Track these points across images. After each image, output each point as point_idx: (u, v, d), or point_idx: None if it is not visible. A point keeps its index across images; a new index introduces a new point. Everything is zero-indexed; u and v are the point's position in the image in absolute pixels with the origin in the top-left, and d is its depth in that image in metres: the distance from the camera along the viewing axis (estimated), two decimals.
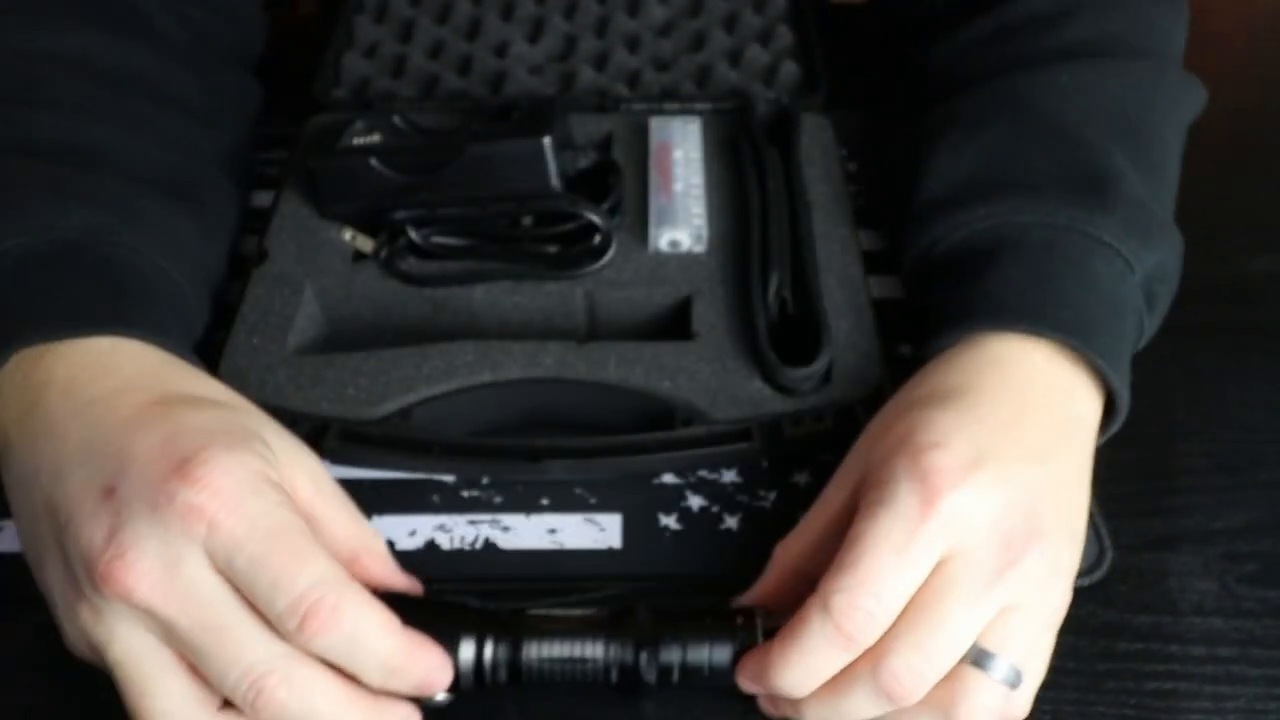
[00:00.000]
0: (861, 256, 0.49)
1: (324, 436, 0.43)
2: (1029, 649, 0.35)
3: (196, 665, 0.32)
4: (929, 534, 0.33)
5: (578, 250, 0.49)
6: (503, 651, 0.36)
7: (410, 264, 0.49)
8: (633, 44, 0.63)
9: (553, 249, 0.49)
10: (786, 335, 0.46)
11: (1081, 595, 0.41)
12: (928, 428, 0.35)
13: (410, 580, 0.38)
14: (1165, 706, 0.39)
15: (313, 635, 0.32)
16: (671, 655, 0.36)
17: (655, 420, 0.44)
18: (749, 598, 0.38)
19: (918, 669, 0.33)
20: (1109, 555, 0.43)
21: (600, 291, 0.48)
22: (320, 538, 0.35)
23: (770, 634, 0.35)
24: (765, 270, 0.47)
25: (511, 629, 0.36)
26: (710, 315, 0.47)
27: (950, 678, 0.34)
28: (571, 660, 0.36)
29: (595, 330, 0.49)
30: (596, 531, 0.43)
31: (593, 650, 0.36)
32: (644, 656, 0.36)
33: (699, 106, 0.58)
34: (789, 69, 0.60)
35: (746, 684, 0.35)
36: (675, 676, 0.36)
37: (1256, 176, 0.60)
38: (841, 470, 0.38)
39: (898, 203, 0.48)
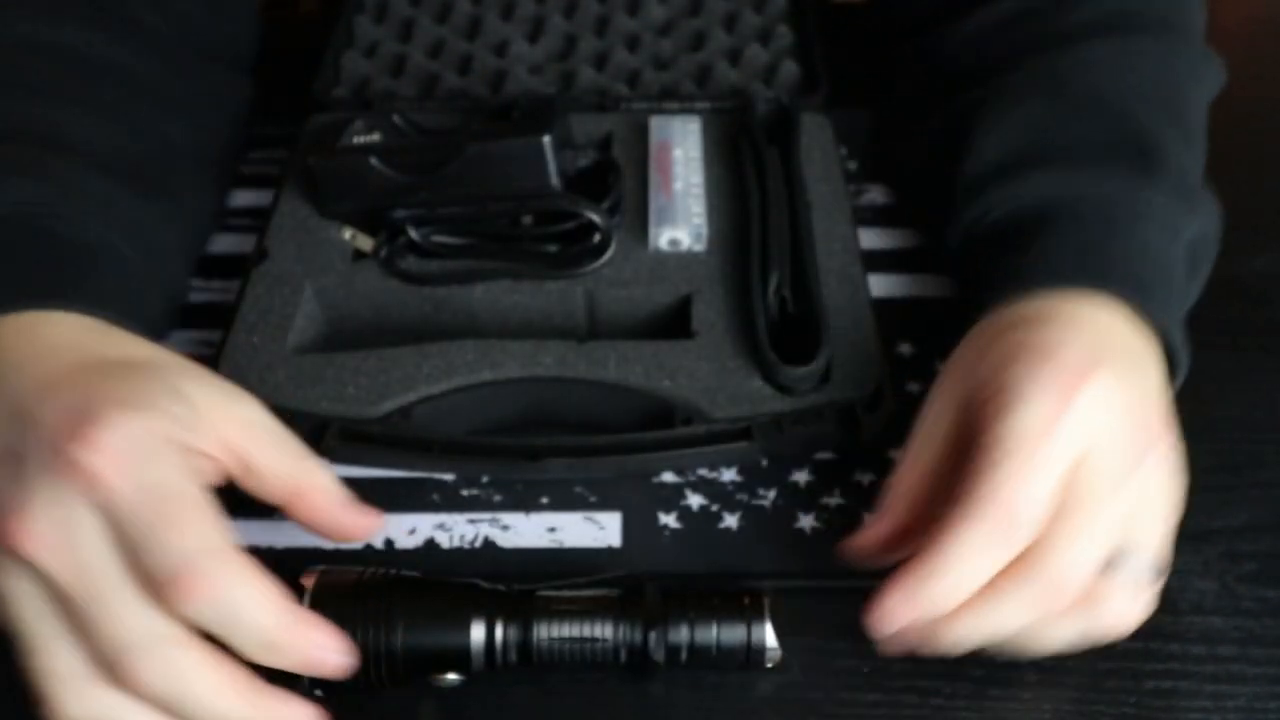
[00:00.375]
0: (861, 256, 0.49)
1: (324, 435, 0.43)
2: (1160, 545, 0.36)
3: (84, 635, 0.32)
4: (1069, 426, 0.33)
5: (577, 249, 0.49)
6: (513, 632, 0.36)
7: (410, 263, 0.49)
8: (633, 43, 0.63)
9: (553, 248, 0.50)
10: (786, 334, 0.46)
11: None
12: (1040, 337, 0.36)
13: (366, 518, 0.38)
14: (1165, 706, 0.38)
15: (181, 603, 0.31)
16: (680, 635, 0.36)
17: (655, 419, 0.44)
18: (864, 539, 0.38)
19: (1077, 563, 0.33)
20: None
21: (600, 290, 0.48)
22: (259, 481, 0.36)
23: (776, 616, 0.36)
24: (765, 269, 0.47)
25: (522, 609, 0.36)
26: (710, 314, 0.47)
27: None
28: (581, 640, 0.36)
29: (595, 329, 0.49)
30: (596, 530, 0.43)
31: (602, 630, 0.36)
32: (653, 637, 0.36)
33: (699, 106, 0.58)
34: (789, 68, 0.60)
35: (886, 613, 0.34)
36: (684, 657, 0.37)
37: (1256, 176, 0.60)
38: (936, 402, 0.38)
39: (936, 184, 0.49)
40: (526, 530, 0.44)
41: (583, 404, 0.45)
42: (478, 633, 0.36)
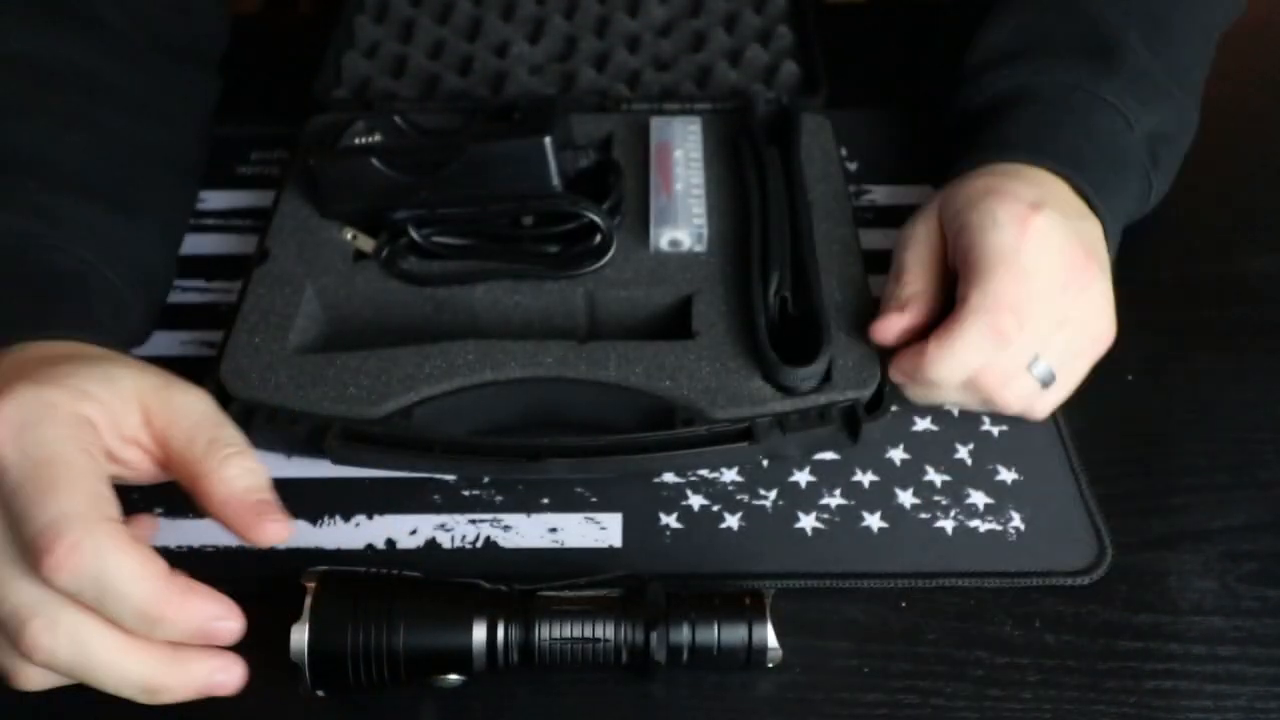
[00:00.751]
0: (862, 256, 0.49)
1: (325, 436, 0.43)
2: (1068, 363, 0.43)
3: None
4: (1029, 245, 0.42)
5: (578, 250, 0.49)
6: (515, 632, 0.36)
7: (411, 263, 0.49)
8: (633, 44, 0.63)
9: (553, 249, 0.50)
10: (787, 334, 0.46)
11: (1081, 595, 0.42)
12: (997, 183, 0.44)
13: (271, 523, 0.34)
14: (1165, 706, 0.39)
15: (49, 572, 0.30)
16: (681, 635, 0.37)
17: (656, 419, 0.44)
18: (890, 329, 0.44)
19: (1015, 360, 0.42)
20: (1109, 554, 0.43)
21: (601, 291, 0.48)
22: (168, 465, 0.35)
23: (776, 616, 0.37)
24: (765, 270, 0.47)
25: (523, 609, 0.37)
26: (710, 314, 0.47)
27: None
28: (583, 640, 0.36)
29: (596, 329, 0.49)
30: (597, 530, 0.43)
31: (604, 630, 0.36)
32: (654, 637, 0.36)
33: (699, 106, 0.58)
34: (789, 69, 0.60)
35: (898, 374, 0.44)
36: (685, 657, 0.37)
37: (1256, 176, 0.60)
38: (919, 232, 0.46)
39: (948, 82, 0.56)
40: (528, 531, 0.44)
41: (584, 404, 0.45)
42: (479, 633, 0.36)
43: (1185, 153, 0.53)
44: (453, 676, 0.36)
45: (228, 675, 0.33)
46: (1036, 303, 0.42)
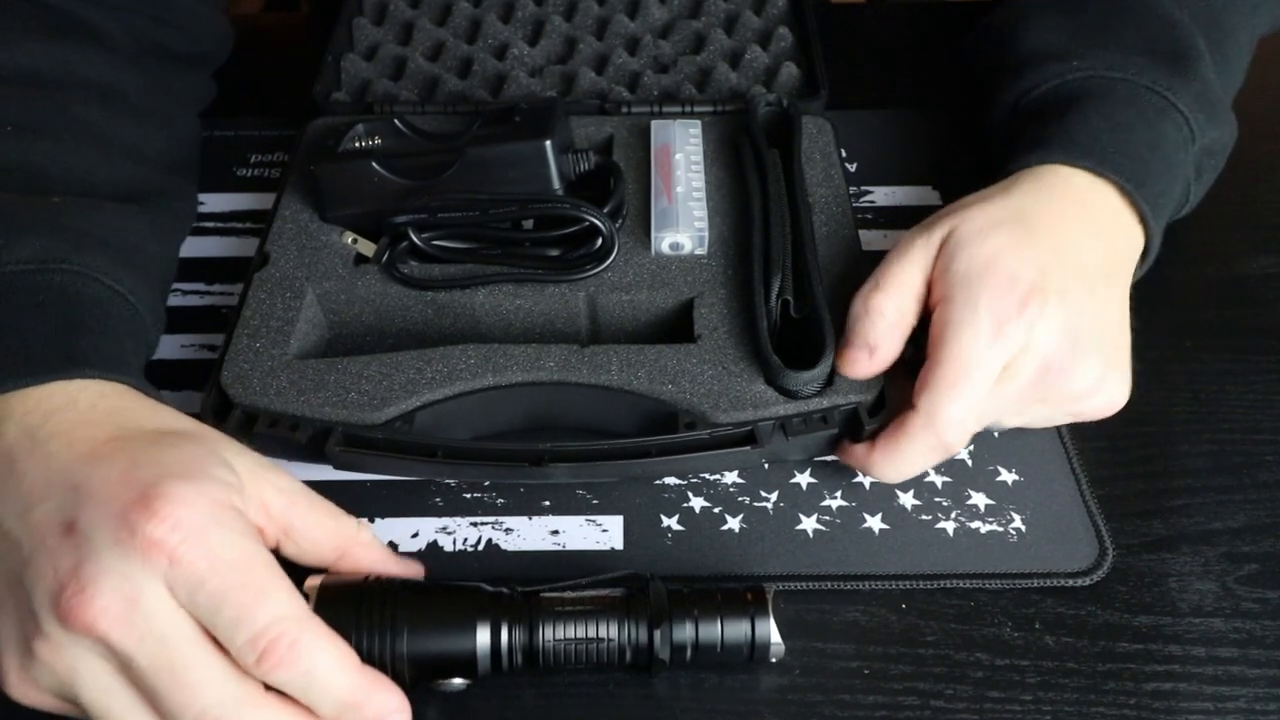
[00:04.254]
0: (864, 259, 0.49)
1: (327, 441, 0.43)
2: (1037, 419, 0.44)
3: (155, 705, 0.32)
4: (997, 354, 0.40)
5: (580, 253, 0.49)
6: (519, 634, 0.36)
7: (412, 267, 0.49)
8: (633, 46, 0.63)
9: (554, 252, 0.49)
10: (789, 338, 0.46)
11: (1081, 596, 0.42)
12: (1007, 255, 0.41)
13: (408, 564, 0.39)
14: (1165, 707, 0.39)
15: (270, 670, 0.32)
16: (685, 633, 0.37)
17: (658, 423, 0.44)
18: (859, 367, 0.43)
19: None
20: (1109, 556, 0.43)
21: (602, 295, 0.48)
22: (302, 545, 0.37)
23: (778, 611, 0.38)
24: (767, 273, 0.47)
25: (526, 612, 0.37)
26: (712, 318, 0.47)
27: None
28: (587, 640, 0.36)
29: (597, 333, 0.49)
30: (598, 533, 0.44)
31: (607, 630, 0.36)
32: (658, 635, 0.36)
33: (700, 109, 0.58)
34: (789, 71, 0.60)
35: (845, 459, 0.44)
36: (689, 655, 0.37)
37: (1256, 176, 0.60)
38: (918, 244, 0.44)
39: (990, 62, 0.54)
40: (529, 533, 0.44)
41: (586, 408, 0.45)
42: (483, 637, 0.36)
43: (1219, 173, 0.52)
44: (457, 681, 0.36)
45: None
46: (997, 404, 0.41)
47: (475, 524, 0.44)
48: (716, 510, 0.44)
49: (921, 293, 0.43)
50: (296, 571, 0.37)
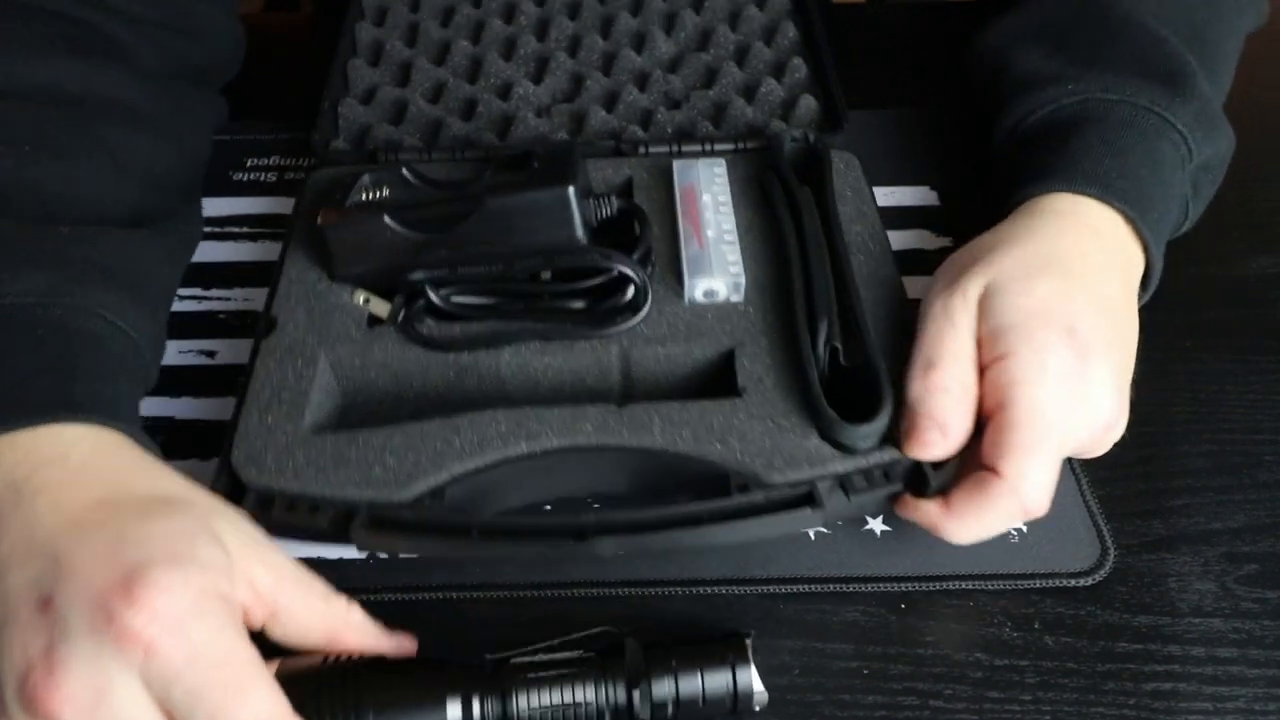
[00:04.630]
0: (907, 300, 0.47)
1: (351, 523, 0.39)
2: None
3: None
4: (1072, 407, 0.39)
5: (609, 305, 0.46)
6: (491, 707, 0.35)
7: (430, 327, 0.46)
8: (642, 81, 0.60)
9: (579, 304, 0.46)
10: (837, 386, 0.43)
11: (1081, 597, 0.42)
12: (1055, 303, 0.40)
13: (399, 640, 0.37)
14: (1165, 707, 0.38)
15: None
16: (664, 689, 0.35)
17: (708, 486, 0.41)
18: (924, 446, 0.40)
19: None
20: (1110, 556, 0.42)
21: (636, 349, 0.45)
22: (288, 627, 0.35)
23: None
24: (812, 319, 0.44)
25: (498, 682, 0.35)
26: (756, 369, 0.44)
27: None
28: (563, 707, 0.35)
29: (631, 390, 0.46)
30: None
31: (583, 694, 0.35)
32: (637, 695, 0.35)
33: (720, 147, 0.55)
34: (807, 104, 0.57)
35: (910, 516, 0.41)
36: (670, 712, 0.35)
37: (1256, 176, 0.60)
38: (955, 307, 0.41)
39: (983, 85, 0.54)
40: None
41: (628, 473, 0.42)
42: (454, 712, 0.34)
43: (1218, 187, 0.51)
44: None
45: None
46: (1070, 453, 0.40)
47: None
48: None
49: (975, 356, 0.41)
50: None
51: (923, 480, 0.41)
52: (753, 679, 0.36)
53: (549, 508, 0.43)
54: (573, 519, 0.40)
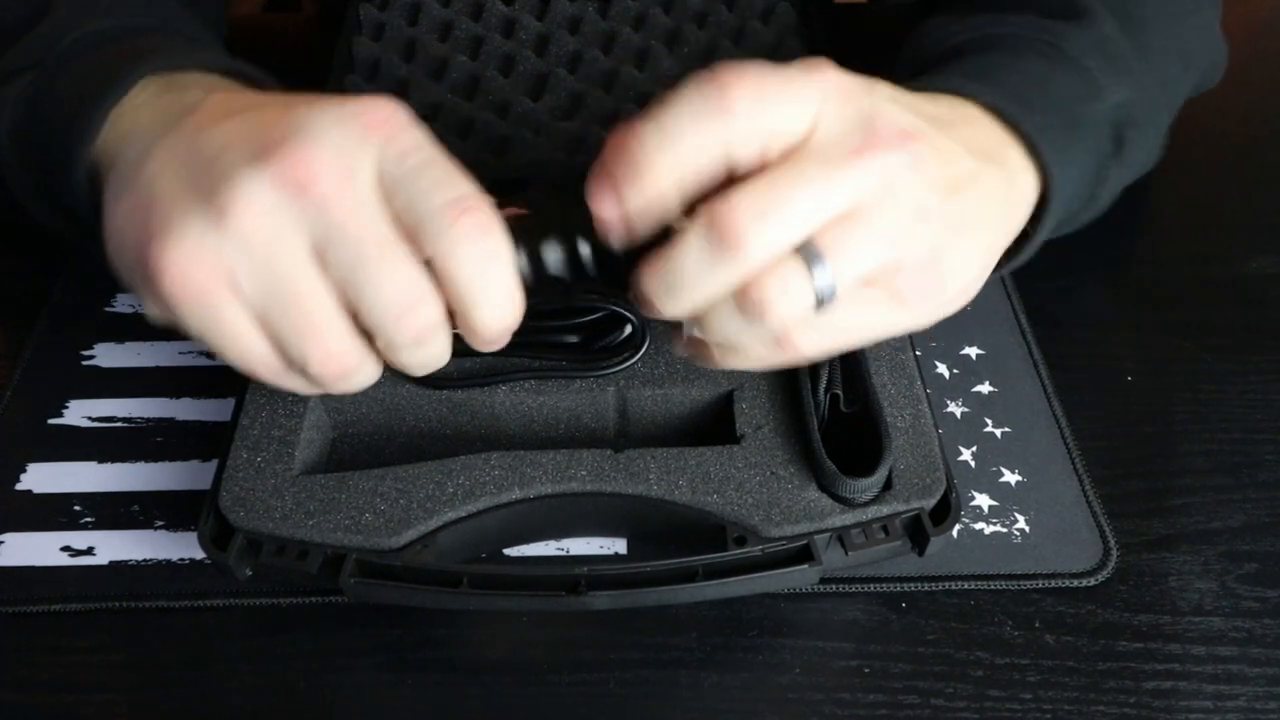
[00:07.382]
0: (910, 343, 0.46)
1: (339, 571, 0.38)
2: (856, 292, 0.32)
3: (346, 289, 0.32)
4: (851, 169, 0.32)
5: (605, 343, 0.45)
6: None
7: None
8: (643, 100, 0.59)
9: (573, 338, 0.45)
10: (834, 431, 0.42)
11: (1081, 596, 0.42)
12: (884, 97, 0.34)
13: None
14: (1165, 706, 0.39)
15: (461, 236, 0.32)
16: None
17: (704, 539, 0.40)
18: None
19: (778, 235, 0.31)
20: (1114, 556, 0.43)
21: (632, 389, 0.44)
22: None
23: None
24: (814, 363, 0.44)
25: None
26: (756, 415, 0.43)
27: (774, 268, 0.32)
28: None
29: (628, 430, 0.45)
30: (603, 538, 0.43)
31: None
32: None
33: None
34: None
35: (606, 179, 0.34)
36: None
37: (1256, 176, 0.60)
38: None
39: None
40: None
41: (623, 521, 0.41)
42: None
43: (1152, 160, 0.47)
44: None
45: None
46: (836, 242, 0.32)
47: None
48: None
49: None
50: None
51: (922, 535, 0.40)
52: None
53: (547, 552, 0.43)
54: (566, 571, 0.39)
